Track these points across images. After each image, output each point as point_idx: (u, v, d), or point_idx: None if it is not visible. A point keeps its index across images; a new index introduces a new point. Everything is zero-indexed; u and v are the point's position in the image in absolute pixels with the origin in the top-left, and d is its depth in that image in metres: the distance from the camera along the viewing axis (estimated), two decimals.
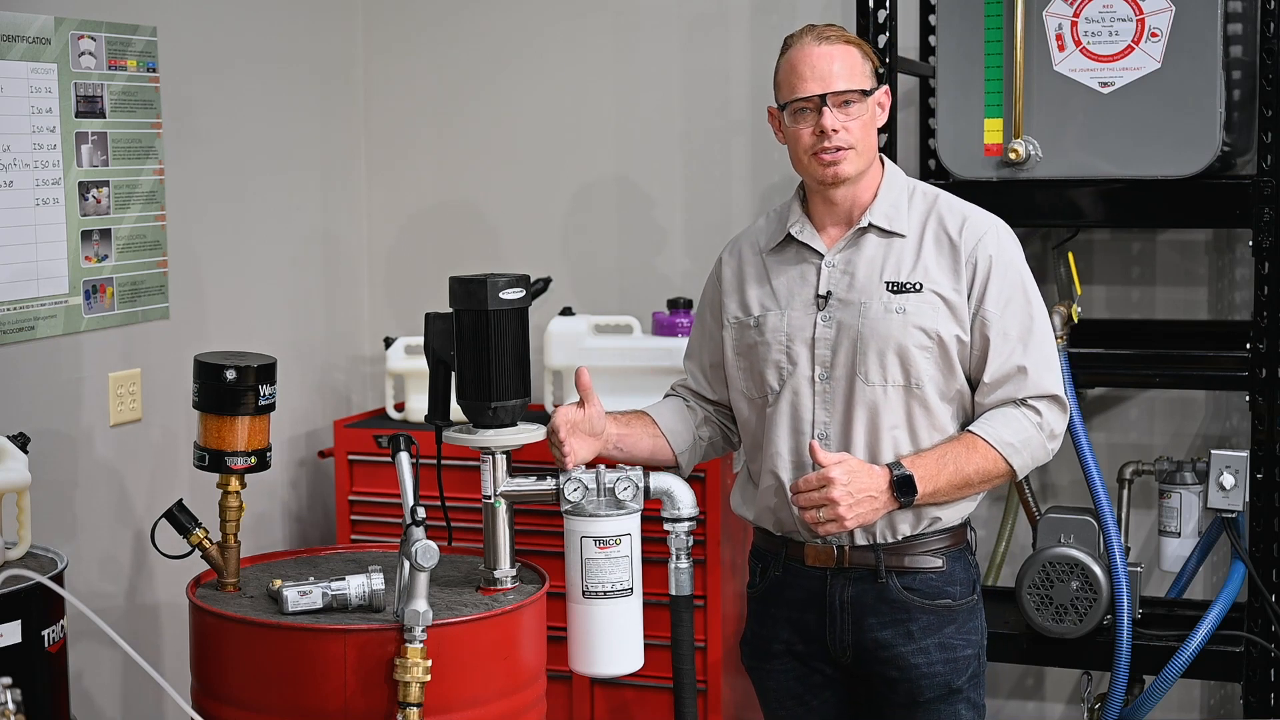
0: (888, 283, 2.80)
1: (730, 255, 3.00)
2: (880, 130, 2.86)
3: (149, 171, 3.58)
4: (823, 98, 2.75)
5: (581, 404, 2.86)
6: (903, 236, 2.83)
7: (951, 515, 2.84)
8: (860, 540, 2.82)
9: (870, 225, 2.83)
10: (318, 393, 4.24)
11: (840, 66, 2.77)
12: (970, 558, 2.92)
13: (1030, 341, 2.80)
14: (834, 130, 2.75)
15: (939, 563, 2.84)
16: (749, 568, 3.02)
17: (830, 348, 2.81)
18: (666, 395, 3.10)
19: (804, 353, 2.83)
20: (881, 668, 2.85)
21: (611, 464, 2.88)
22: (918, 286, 2.79)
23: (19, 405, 3.25)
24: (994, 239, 2.82)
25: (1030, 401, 2.80)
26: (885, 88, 2.86)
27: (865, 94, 2.78)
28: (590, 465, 2.86)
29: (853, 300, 2.81)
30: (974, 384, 2.83)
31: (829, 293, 2.83)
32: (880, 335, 2.78)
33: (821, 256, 2.86)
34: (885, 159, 2.91)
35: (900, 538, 2.82)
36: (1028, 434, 2.79)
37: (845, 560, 2.83)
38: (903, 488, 2.73)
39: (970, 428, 2.80)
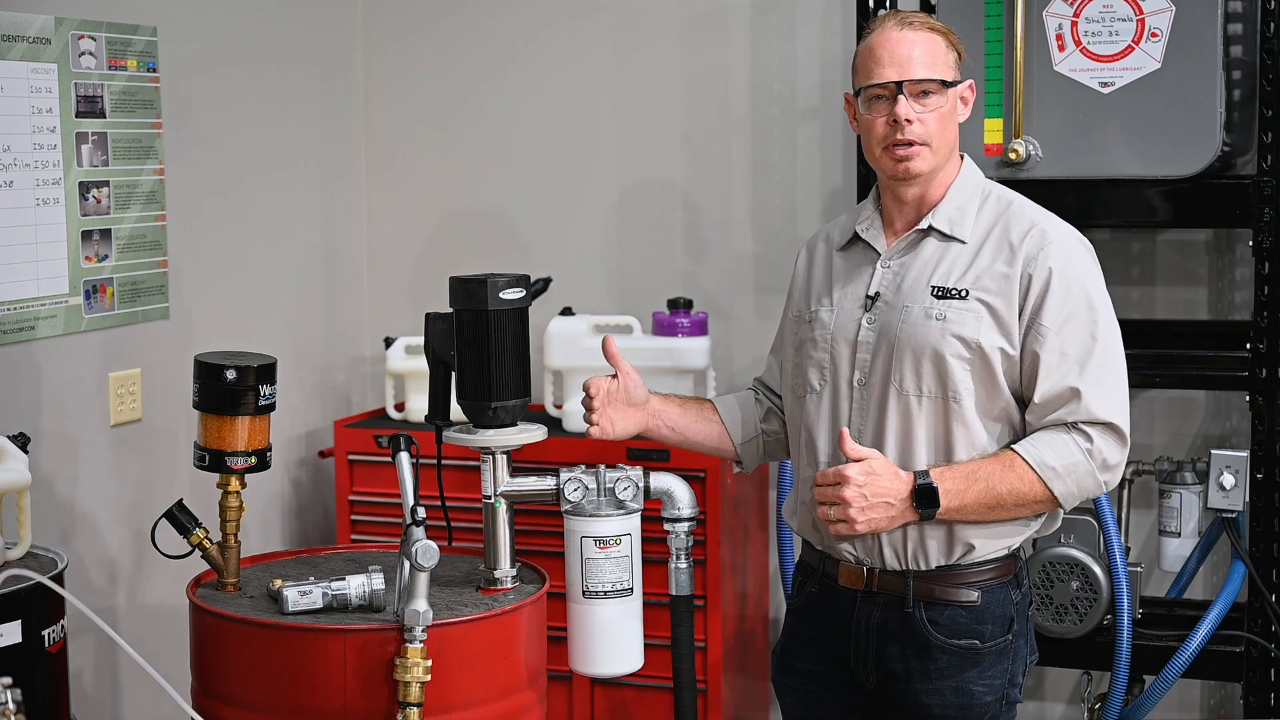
0: (934, 287, 2.63)
1: (806, 250, 2.88)
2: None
3: (149, 171, 3.58)
4: (899, 85, 2.60)
5: (615, 376, 2.81)
6: (963, 243, 2.66)
7: (988, 545, 2.64)
8: (891, 564, 2.66)
9: (931, 228, 2.68)
10: (318, 393, 4.24)
11: (921, 53, 2.61)
12: (1014, 592, 2.70)
13: (1089, 364, 2.58)
14: (908, 121, 2.59)
15: (974, 596, 2.65)
16: (793, 579, 2.90)
17: (871, 352, 2.67)
18: (746, 389, 3.01)
19: (846, 354, 2.69)
20: (897, 698, 2.71)
21: (639, 447, 2.80)
22: (963, 293, 2.61)
23: (19, 405, 3.25)
24: (1059, 250, 2.61)
25: (1082, 426, 2.58)
26: (970, 81, 2.70)
27: (946, 85, 2.62)
28: (590, 467, 2.86)
29: (896, 303, 2.66)
30: (1025, 403, 2.63)
31: (877, 294, 2.69)
32: (917, 341, 2.61)
33: (880, 256, 2.73)
34: (965, 157, 2.74)
35: (933, 566, 2.65)
36: (1073, 459, 2.57)
37: (875, 584, 2.68)
38: (923, 498, 2.56)
39: (1012, 445, 2.61)
